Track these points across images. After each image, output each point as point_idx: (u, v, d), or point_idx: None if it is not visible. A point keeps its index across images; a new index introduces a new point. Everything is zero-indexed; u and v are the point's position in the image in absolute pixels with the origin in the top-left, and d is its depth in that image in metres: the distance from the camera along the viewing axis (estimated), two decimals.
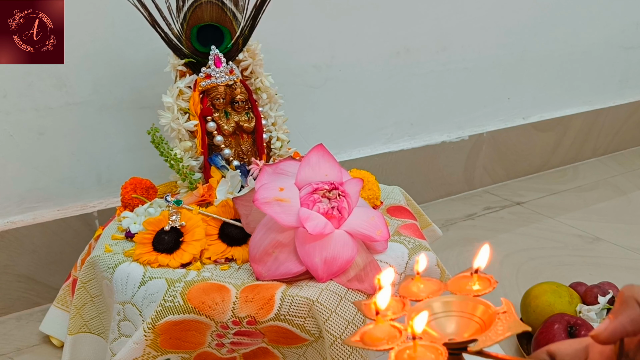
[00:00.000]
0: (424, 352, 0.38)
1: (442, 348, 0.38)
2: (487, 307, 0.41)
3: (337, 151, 1.20)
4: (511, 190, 1.41)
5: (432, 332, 0.41)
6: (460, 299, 0.42)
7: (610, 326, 0.38)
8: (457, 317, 0.42)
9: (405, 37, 1.20)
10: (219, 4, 0.78)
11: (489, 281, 0.44)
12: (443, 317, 0.42)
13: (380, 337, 0.40)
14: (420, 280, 0.46)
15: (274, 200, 0.64)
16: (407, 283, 0.46)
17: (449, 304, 0.42)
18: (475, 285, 0.43)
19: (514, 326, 0.39)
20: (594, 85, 1.55)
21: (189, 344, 0.63)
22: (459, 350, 0.40)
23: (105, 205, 0.98)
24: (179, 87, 0.79)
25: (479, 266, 0.44)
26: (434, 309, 0.42)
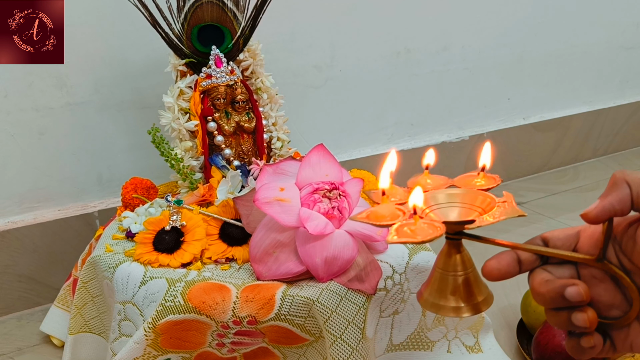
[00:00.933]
0: (423, 226, 0.40)
1: (440, 224, 0.40)
2: (487, 197, 0.43)
3: (338, 151, 1.20)
4: (511, 190, 1.40)
5: (433, 216, 0.43)
6: (464, 192, 0.45)
7: (599, 205, 0.39)
8: (460, 207, 0.44)
9: (405, 37, 1.20)
10: (219, 4, 0.78)
11: (493, 179, 0.46)
12: (446, 207, 0.44)
13: (384, 215, 0.42)
14: (428, 175, 0.48)
15: (275, 200, 0.64)
16: (416, 177, 0.48)
17: (452, 196, 0.45)
18: (480, 181, 0.46)
19: (510, 212, 0.42)
20: (595, 85, 1.55)
21: (190, 343, 0.63)
22: (458, 234, 0.42)
23: (106, 205, 0.99)
24: (180, 87, 0.79)
25: (484, 164, 0.46)
26: (438, 200, 0.45)
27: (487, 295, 0.44)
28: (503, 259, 0.43)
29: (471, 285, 0.43)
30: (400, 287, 0.67)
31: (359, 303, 0.63)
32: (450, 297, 0.42)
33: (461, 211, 0.44)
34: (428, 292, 0.43)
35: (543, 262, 0.43)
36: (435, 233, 0.39)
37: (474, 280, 0.43)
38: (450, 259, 0.43)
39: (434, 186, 0.47)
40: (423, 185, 0.46)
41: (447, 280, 0.43)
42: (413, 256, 0.69)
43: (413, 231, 0.40)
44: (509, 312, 0.90)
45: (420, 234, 0.39)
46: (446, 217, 0.43)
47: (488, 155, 0.46)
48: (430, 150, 0.49)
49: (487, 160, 0.46)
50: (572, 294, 0.39)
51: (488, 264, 0.42)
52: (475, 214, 0.43)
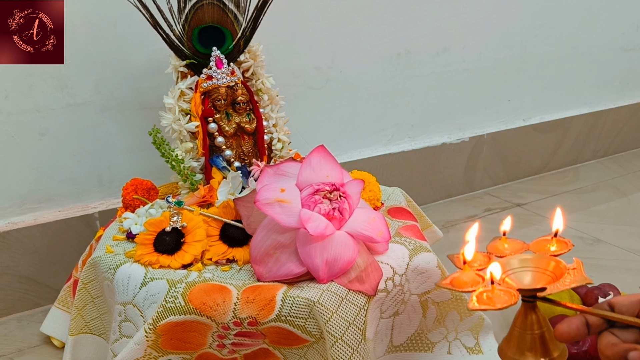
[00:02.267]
0: (499, 294, 0.45)
1: (515, 292, 0.45)
2: (559, 263, 0.49)
3: (338, 152, 1.20)
4: (512, 191, 1.41)
5: (510, 282, 0.48)
6: (536, 257, 0.50)
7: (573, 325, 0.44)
8: (533, 271, 0.49)
9: (405, 38, 1.20)
10: (220, 6, 0.78)
11: (565, 244, 0.52)
12: (520, 271, 0.49)
13: (466, 282, 0.48)
14: (506, 241, 0.53)
15: (275, 201, 0.64)
16: (495, 242, 0.54)
17: (526, 261, 0.50)
18: (553, 246, 0.51)
19: (579, 279, 0.47)
20: (595, 87, 1.55)
21: (190, 344, 0.63)
22: (531, 297, 0.47)
23: (106, 206, 0.99)
24: (181, 88, 0.79)
25: (557, 229, 0.52)
26: (512, 265, 0.50)
27: (562, 350, 0.49)
28: (573, 323, 0.47)
29: (547, 342, 0.48)
30: (400, 288, 0.67)
31: (359, 304, 0.63)
32: (529, 354, 0.48)
33: (534, 276, 0.49)
34: (508, 348, 0.48)
35: (610, 326, 0.47)
36: (511, 301, 0.45)
37: (549, 337, 0.48)
38: (527, 319, 0.48)
39: (511, 251, 0.52)
40: (501, 250, 0.52)
41: (525, 337, 0.48)
42: (413, 257, 0.69)
43: (490, 298, 0.45)
44: (509, 313, 0.89)
45: (498, 301, 0.45)
46: (520, 282, 0.49)
47: (560, 221, 0.52)
48: (507, 218, 0.55)
49: (560, 225, 0.52)
50: (634, 358, 0.42)
51: (559, 328, 0.47)
52: (548, 279, 0.48)
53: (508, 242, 0.53)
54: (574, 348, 0.71)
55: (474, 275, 0.49)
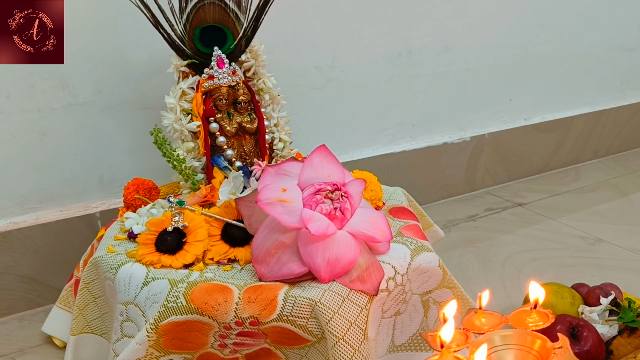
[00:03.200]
0: None
1: None
2: (544, 342, 0.44)
3: (339, 152, 1.20)
4: (513, 191, 1.41)
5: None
6: (519, 333, 0.46)
7: None
8: (516, 350, 0.45)
9: (407, 38, 1.20)
10: (221, 5, 0.78)
11: (547, 316, 0.47)
12: (502, 349, 0.45)
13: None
14: (482, 315, 0.49)
15: (277, 201, 0.64)
16: (471, 317, 0.49)
17: (508, 337, 0.46)
18: (533, 318, 0.47)
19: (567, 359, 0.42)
20: (596, 86, 1.55)
21: (192, 344, 0.63)
22: None
23: (108, 206, 0.99)
24: (182, 88, 0.79)
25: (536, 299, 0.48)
26: (494, 342, 0.46)
27: None
28: None
29: None
30: (402, 288, 0.67)
31: (361, 304, 0.63)
32: None
33: (518, 355, 0.45)
34: None
35: None
36: None
37: None
38: None
39: (489, 326, 0.48)
40: (478, 326, 0.49)
41: None
42: (415, 257, 0.69)
43: None
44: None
45: None
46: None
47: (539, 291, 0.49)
48: (485, 292, 0.51)
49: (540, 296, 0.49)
50: None
51: None
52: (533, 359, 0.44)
53: (485, 315, 0.50)
54: (575, 348, 0.71)
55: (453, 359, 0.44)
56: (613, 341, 0.73)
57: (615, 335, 0.74)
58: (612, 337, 0.74)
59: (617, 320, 0.74)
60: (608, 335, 0.74)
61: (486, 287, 0.98)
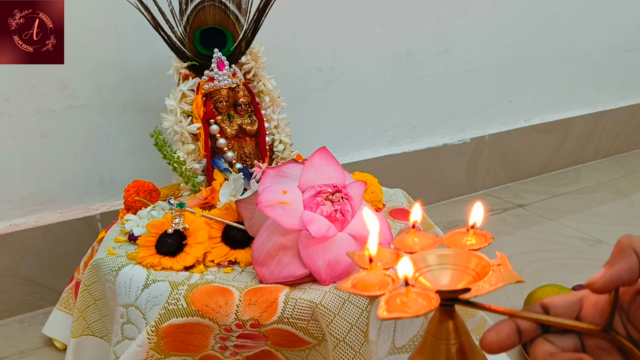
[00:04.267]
0: (415, 298, 0.37)
1: (434, 295, 0.37)
2: (481, 260, 0.40)
3: (339, 154, 1.20)
4: (513, 192, 1.41)
5: (425, 282, 0.40)
6: (455, 252, 0.41)
7: (606, 274, 0.36)
8: (452, 269, 0.41)
9: (406, 39, 1.20)
10: (221, 7, 0.78)
11: (484, 237, 0.43)
12: (437, 269, 0.41)
13: (373, 284, 0.39)
14: (415, 234, 0.44)
15: (277, 203, 0.64)
16: (402, 236, 0.44)
17: (444, 257, 0.41)
18: (470, 240, 0.43)
19: (507, 277, 0.38)
20: (596, 87, 1.55)
21: (193, 346, 0.63)
22: (451, 300, 0.39)
23: (108, 208, 0.99)
24: (182, 90, 0.79)
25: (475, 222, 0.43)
26: (428, 262, 0.41)
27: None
28: (502, 330, 0.40)
29: (466, 354, 0.40)
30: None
31: (361, 306, 0.63)
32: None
33: (454, 274, 0.41)
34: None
35: (544, 331, 0.40)
36: (429, 306, 0.36)
37: (469, 348, 0.40)
38: (443, 326, 0.40)
39: (422, 246, 0.43)
40: (410, 245, 0.43)
41: (439, 348, 0.40)
42: None
43: (405, 303, 0.37)
44: None
45: (413, 307, 0.36)
46: (438, 281, 0.40)
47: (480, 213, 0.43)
48: (416, 205, 0.45)
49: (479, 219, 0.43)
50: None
51: (486, 336, 0.40)
52: (470, 278, 0.40)
53: (417, 235, 0.44)
54: None
55: (383, 276, 0.39)
56: None
57: None
58: None
59: None
60: None
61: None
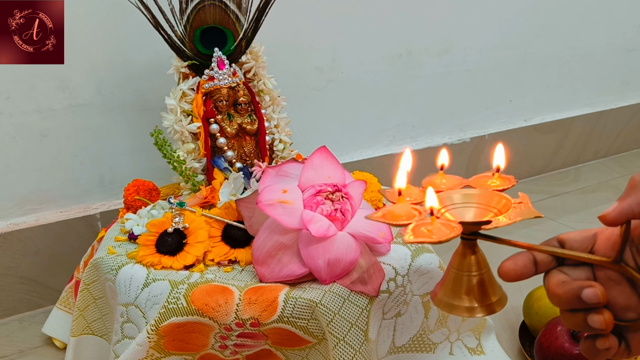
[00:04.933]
0: (439, 227, 0.40)
1: (457, 225, 0.40)
2: (503, 198, 0.44)
3: (339, 153, 1.20)
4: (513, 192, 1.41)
5: (450, 217, 0.43)
6: (479, 192, 0.45)
7: (618, 207, 0.39)
8: (475, 207, 0.44)
9: (407, 39, 1.20)
10: (222, 7, 0.78)
11: (508, 180, 0.46)
12: (462, 207, 0.44)
13: (401, 215, 0.42)
14: (443, 176, 0.48)
15: (277, 202, 0.64)
16: (431, 177, 0.48)
17: (468, 196, 0.45)
18: (495, 182, 0.46)
19: (526, 213, 0.42)
20: (596, 87, 1.55)
21: (193, 345, 0.63)
22: (473, 234, 0.42)
23: (108, 207, 0.99)
24: (182, 89, 0.79)
25: (498, 165, 0.46)
26: (453, 200, 0.45)
27: (501, 296, 0.44)
28: (519, 259, 0.43)
29: (485, 286, 0.43)
30: (402, 289, 0.67)
31: (361, 305, 0.63)
32: (465, 297, 0.42)
33: (477, 211, 0.44)
34: (442, 292, 0.44)
35: (559, 264, 0.43)
36: (452, 233, 0.39)
37: (489, 280, 0.43)
38: (465, 259, 0.43)
39: (449, 186, 0.47)
40: (437, 185, 0.47)
41: (461, 280, 0.43)
42: (415, 258, 0.69)
43: (430, 231, 0.40)
44: (511, 314, 0.89)
45: (437, 233, 0.39)
46: (462, 217, 0.43)
47: (502, 156, 0.46)
48: (443, 150, 0.49)
49: (501, 162, 0.46)
50: (589, 295, 0.39)
51: (504, 265, 0.43)
52: (491, 215, 0.43)
53: (446, 177, 0.48)
54: (576, 349, 0.71)
55: (410, 208, 0.43)
56: None
57: None
58: None
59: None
60: None
61: None
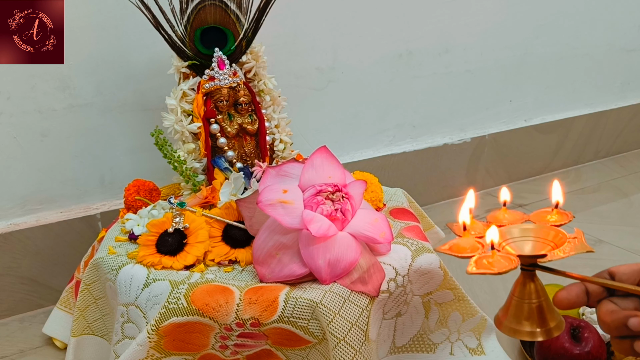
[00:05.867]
0: (499, 259, 0.45)
1: (515, 258, 0.45)
2: (559, 233, 0.48)
3: (340, 153, 1.20)
4: (513, 192, 1.40)
5: (510, 249, 0.48)
6: (537, 227, 0.50)
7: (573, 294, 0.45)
8: (533, 240, 0.49)
9: (407, 39, 1.20)
10: (222, 6, 0.78)
11: (566, 215, 0.51)
12: (520, 240, 0.49)
13: (465, 248, 0.48)
14: (506, 211, 0.53)
15: (278, 202, 0.64)
16: (495, 213, 0.53)
17: (527, 230, 0.50)
18: (553, 217, 0.51)
19: (580, 247, 0.47)
20: (596, 87, 1.55)
21: (193, 345, 0.63)
22: (531, 266, 0.47)
23: (109, 207, 0.99)
24: (183, 89, 0.79)
25: (557, 200, 0.51)
26: (513, 234, 0.50)
27: (559, 322, 0.48)
28: (572, 290, 0.48)
29: (544, 312, 0.48)
30: (403, 289, 0.67)
31: (362, 305, 0.63)
32: (525, 323, 0.47)
33: (535, 245, 0.48)
34: (506, 318, 0.48)
35: (610, 294, 0.48)
36: (511, 265, 0.44)
37: (547, 307, 0.48)
38: (525, 288, 0.48)
39: (510, 221, 0.52)
40: (500, 220, 0.52)
41: (522, 307, 0.48)
42: (416, 258, 0.69)
43: (490, 263, 0.44)
44: None
45: (497, 265, 0.44)
46: (521, 250, 0.48)
47: (559, 193, 0.52)
48: (504, 189, 0.54)
49: (560, 198, 0.51)
50: (635, 324, 0.43)
51: (559, 295, 0.48)
52: (548, 248, 0.47)
53: (508, 212, 0.53)
54: (576, 349, 0.71)
55: (474, 242, 0.48)
56: None
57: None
58: None
59: None
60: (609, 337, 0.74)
61: (487, 288, 0.98)
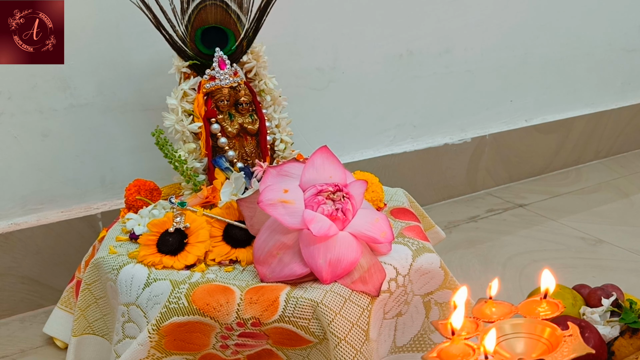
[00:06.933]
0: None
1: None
2: (554, 330, 0.45)
3: (340, 153, 1.20)
4: (514, 192, 1.41)
5: (502, 352, 0.45)
6: (529, 322, 0.47)
7: None
8: (526, 338, 0.46)
9: (408, 39, 1.20)
10: (223, 6, 0.78)
11: (556, 306, 0.49)
12: (513, 338, 0.47)
13: (456, 355, 0.45)
14: (492, 304, 0.51)
15: (278, 202, 0.64)
16: (481, 306, 0.51)
17: (518, 326, 0.47)
18: (544, 309, 0.49)
19: (578, 348, 0.43)
20: (597, 87, 1.55)
21: (194, 345, 0.63)
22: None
23: (109, 207, 0.99)
24: (184, 89, 0.80)
25: (547, 288, 0.49)
26: (504, 330, 0.47)
27: None
28: None
29: None
30: (403, 289, 0.67)
31: (362, 305, 0.63)
32: None
33: (528, 343, 0.46)
34: None
35: None
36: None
37: None
38: None
39: (499, 315, 0.49)
40: (489, 315, 0.50)
41: None
42: (416, 258, 0.69)
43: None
44: None
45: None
46: (513, 350, 0.45)
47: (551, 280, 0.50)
48: (495, 281, 0.53)
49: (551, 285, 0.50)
50: None
51: None
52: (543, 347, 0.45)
53: (495, 305, 0.52)
54: None
55: (464, 347, 0.45)
56: (615, 342, 0.73)
57: (617, 337, 0.74)
58: (613, 338, 0.74)
59: (619, 321, 0.74)
60: (610, 337, 0.74)
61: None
